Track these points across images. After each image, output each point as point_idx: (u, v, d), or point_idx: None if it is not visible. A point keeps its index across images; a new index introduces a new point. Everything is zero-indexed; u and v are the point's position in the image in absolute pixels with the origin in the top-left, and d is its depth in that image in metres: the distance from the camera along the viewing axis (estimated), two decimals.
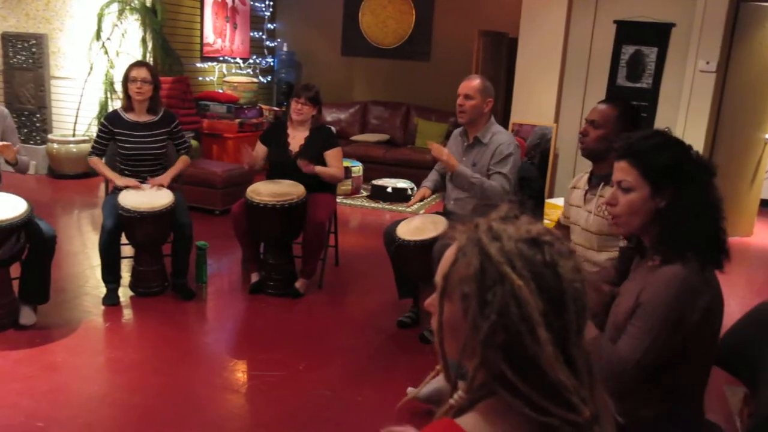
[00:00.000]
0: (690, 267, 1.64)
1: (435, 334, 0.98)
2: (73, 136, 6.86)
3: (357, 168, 6.93)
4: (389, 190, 6.67)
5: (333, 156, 4.13)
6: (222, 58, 7.91)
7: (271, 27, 8.74)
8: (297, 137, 4.18)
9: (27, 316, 3.41)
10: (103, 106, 6.78)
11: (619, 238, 2.34)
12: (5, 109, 3.67)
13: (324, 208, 4.04)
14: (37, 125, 7.09)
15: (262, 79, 8.48)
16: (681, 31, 5.81)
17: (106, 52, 6.79)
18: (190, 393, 2.94)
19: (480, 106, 3.50)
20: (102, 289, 3.84)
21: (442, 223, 3.46)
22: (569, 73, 6.30)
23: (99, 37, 6.74)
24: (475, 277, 0.90)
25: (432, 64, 8.17)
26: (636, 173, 1.71)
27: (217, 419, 2.78)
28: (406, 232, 3.48)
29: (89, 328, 3.50)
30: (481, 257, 0.91)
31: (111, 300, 3.77)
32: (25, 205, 3.28)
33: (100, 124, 4.03)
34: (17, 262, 3.41)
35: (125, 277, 3.99)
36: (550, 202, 5.65)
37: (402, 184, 6.76)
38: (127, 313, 3.75)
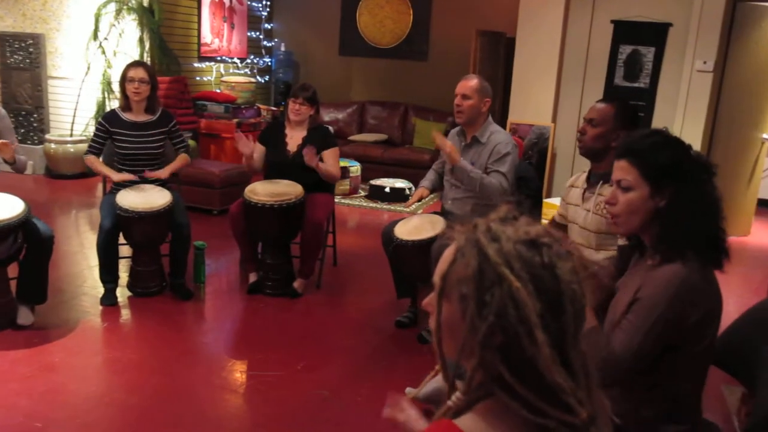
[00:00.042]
0: (690, 266, 1.64)
1: (433, 334, 0.98)
2: (71, 136, 6.85)
3: (355, 168, 6.92)
4: (387, 190, 6.66)
5: (330, 156, 4.13)
6: (219, 58, 7.90)
7: (269, 27, 8.73)
8: (295, 137, 4.18)
9: (25, 317, 3.41)
10: (101, 106, 6.77)
11: (617, 237, 2.34)
12: (2, 110, 3.67)
13: (322, 208, 4.04)
14: (35, 125, 7.08)
15: (259, 78, 8.47)
16: (678, 31, 5.83)
17: (104, 52, 6.78)
18: (189, 393, 2.94)
19: (478, 105, 3.50)
20: (100, 289, 3.84)
21: (440, 223, 3.47)
22: (567, 72, 6.31)
23: (96, 37, 6.73)
24: (473, 277, 0.90)
25: (430, 64, 8.17)
26: (636, 172, 1.71)
27: (216, 419, 2.78)
28: (404, 231, 3.48)
29: (87, 329, 3.50)
30: (480, 258, 0.91)
31: (109, 300, 3.77)
32: (22, 205, 3.28)
33: (97, 123, 4.02)
34: (15, 262, 3.40)
35: (123, 277, 3.98)
36: (548, 202, 5.66)
37: (400, 183, 6.75)
38: (125, 313, 3.75)
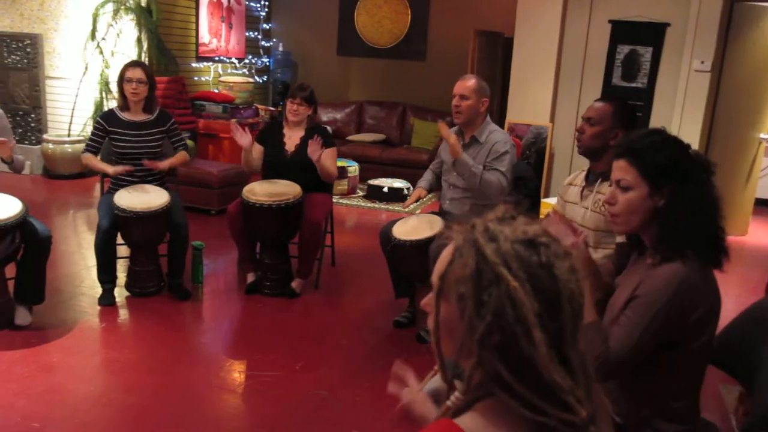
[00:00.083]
0: (690, 266, 1.64)
1: (431, 334, 0.99)
2: (68, 136, 6.83)
3: (353, 168, 6.91)
4: (385, 189, 6.66)
5: (329, 156, 4.12)
6: (217, 58, 7.90)
7: (267, 27, 8.73)
8: (293, 137, 4.18)
9: (22, 317, 3.40)
10: (99, 106, 6.77)
11: (615, 235, 2.35)
12: (0, 110, 3.67)
13: (320, 208, 4.04)
14: (32, 125, 7.07)
15: (257, 79, 8.47)
16: (676, 31, 5.84)
17: (101, 52, 6.77)
18: (187, 393, 2.94)
19: (476, 106, 3.50)
20: (98, 290, 3.84)
21: (438, 223, 3.47)
22: (564, 72, 6.32)
23: (94, 37, 6.72)
24: (471, 277, 0.90)
25: (428, 64, 8.18)
26: (635, 172, 1.71)
27: (214, 419, 2.78)
28: (402, 232, 3.48)
29: (85, 329, 3.50)
30: (478, 258, 0.91)
31: (107, 300, 3.77)
32: (20, 205, 3.27)
33: (95, 122, 4.02)
34: (12, 262, 3.40)
35: (121, 277, 3.98)
36: (546, 202, 5.66)
37: (398, 183, 6.76)
38: (123, 313, 3.74)
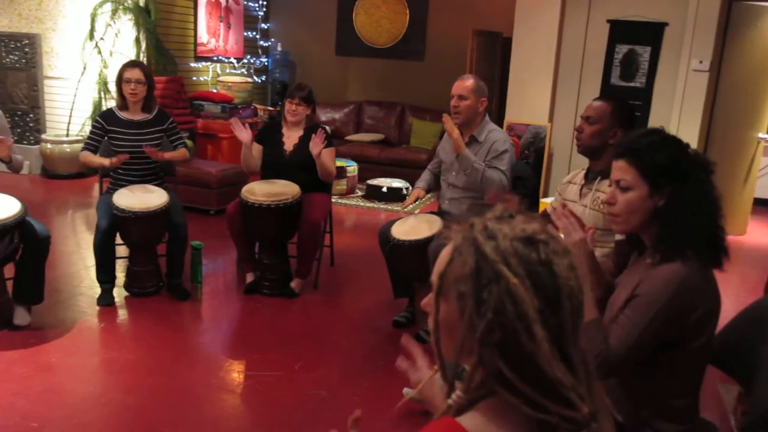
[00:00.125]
0: (690, 266, 1.64)
1: (431, 333, 0.99)
2: (67, 136, 6.83)
3: (352, 168, 6.91)
4: (384, 189, 6.66)
5: (327, 155, 4.12)
6: (216, 58, 7.90)
7: (265, 27, 8.73)
8: (291, 137, 4.18)
9: (21, 317, 3.40)
10: (97, 106, 6.76)
11: (614, 233, 2.34)
12: None
13: (319, 208, 4.04)
14: (31, 125, 7.06)
15: (256, 78, 8.47)
16: (674, 31, 5.84)
17: (100, 52, 6.77)
18: (186, 393, 2.94)
19: (474, 106, 3.50)
20: (96, 290, 3.84)
21: (437, 222, 3.47)
22: (563, 72, 6.32)
23: (92, 36, 6.72)
24: (470, 275, 0.90)
25: (426, 64, 8.18)
26: (634, 172, 1.71)
27: (213, 419, 2.78)
28: (401, 232, 3.48)
29: (84, 329, 3.49)
30: (477, 256, 0.91)
31: (106, 300, 3.76)
32: (18, 205, 3.27)
33: (94, 121, 4.03)
34: (11, 262, 3.40)
35: (120, 277, 3.98)
36: (545, 202, 5.66)
37: (397, 183, 6.76)
38: (121, 313, 3.74)
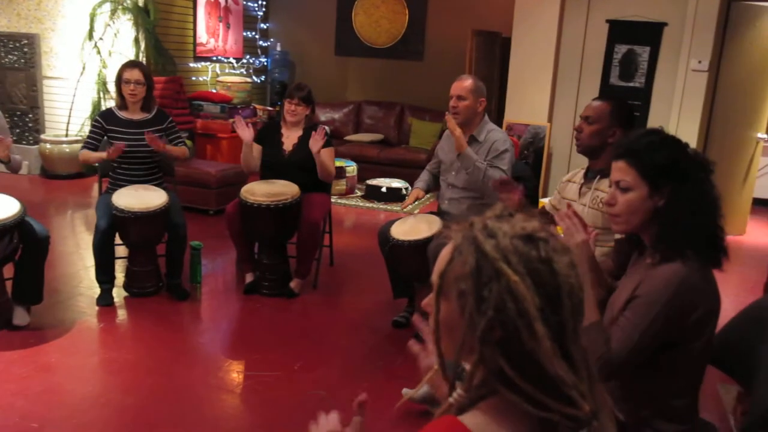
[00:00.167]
0: (690, 266, 1.64)
1: (432, 333, 0.98)
2: (66, 136, 6.83)
3: (351, 168, 6.91)
4: (384, 189, 6.66)
5: (326, 155, 4.12)
6: (215, 58, 7.89)
7: (265, 27, 8.72)
8: (291, 137, 4.18)
9: (20, 317, 3.39)
10: (96, 106, 6.76)
11: (613, 232, 2.34)
12: None
13: (318, 208, 4.04)
14: (30, 125, 7.06)
15: (255, 78, 8.46)
16: (673, 31, 5.84)
17: (99, 52, 6.76)
18: (185, 393, 2.94)
19: (473, 106, 3.50)
20: (96, 290, 3.84)
21: (436, 222, 3.47)
22: (562, 72, 6.32)
23: (91, 36, 6.72)
24: (471, 274, 0.90)
25: (425, 64, 8.18)
26: (634, 172, 1.72)
27: (212, 419, 2.78)
28: (400, 232, 3.48)
29: (83, 329, 3.49)
30: (477, 254, 0.91)
31: (105, 300, 3.76)
32: (17, 205, 3.26)
33: (93, 120, 4.03)
34: (10, 262, 3.40)
35: (119, 277, 3.97)
36: (544, 201, 5.66)
37: (396, 183, 6.76)
38: (121, 313, 3.74)
